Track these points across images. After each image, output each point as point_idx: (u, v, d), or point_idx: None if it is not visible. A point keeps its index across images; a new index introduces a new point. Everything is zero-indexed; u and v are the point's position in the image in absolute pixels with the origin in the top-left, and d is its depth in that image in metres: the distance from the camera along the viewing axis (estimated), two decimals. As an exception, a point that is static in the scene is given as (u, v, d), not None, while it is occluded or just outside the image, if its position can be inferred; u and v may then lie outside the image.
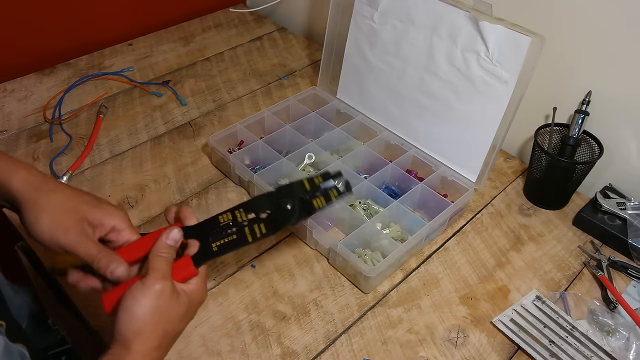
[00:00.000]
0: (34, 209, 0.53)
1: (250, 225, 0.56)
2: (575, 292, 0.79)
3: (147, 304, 0.48)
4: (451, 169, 0.91)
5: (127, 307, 0.48)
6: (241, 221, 0.56)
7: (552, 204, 0.92)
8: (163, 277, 0.50)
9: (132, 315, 0.48)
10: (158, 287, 0.49)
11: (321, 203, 0.56)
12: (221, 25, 1.37)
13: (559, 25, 0.87)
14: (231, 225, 0.56)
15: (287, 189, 0.57)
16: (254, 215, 0.56)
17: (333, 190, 0.57)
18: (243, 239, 0.55)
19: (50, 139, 0.99)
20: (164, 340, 0.50)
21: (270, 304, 0.75)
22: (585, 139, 0.89)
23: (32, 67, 1.14)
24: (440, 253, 0.84)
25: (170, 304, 0.50)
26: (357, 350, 0.70)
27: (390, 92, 0.97)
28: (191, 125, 1.05)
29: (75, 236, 0.53)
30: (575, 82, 0.89)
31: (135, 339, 0.48)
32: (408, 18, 0.89)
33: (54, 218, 0.53)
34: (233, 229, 0.55)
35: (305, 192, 0.56)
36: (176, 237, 0.54)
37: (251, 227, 0.55)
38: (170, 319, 0.50)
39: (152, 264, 0.51)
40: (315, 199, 0.56)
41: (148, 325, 0.48)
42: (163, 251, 0.52)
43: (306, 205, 0.56)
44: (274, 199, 0.57)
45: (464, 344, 0.72)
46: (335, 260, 0.79)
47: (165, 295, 0.49)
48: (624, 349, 0.71)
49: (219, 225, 0.56)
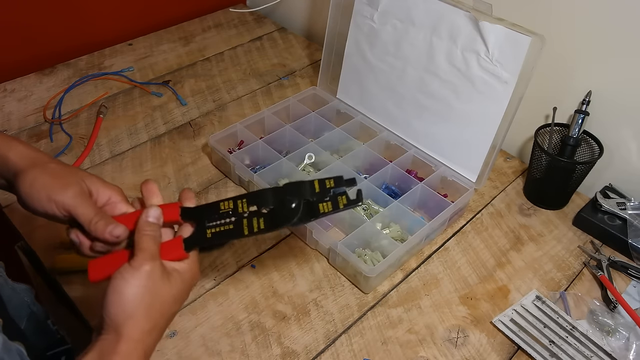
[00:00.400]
0: (31, 174, 0.51)
1: (250, 217, 0.53)
2: (575, 292, 0.79)
3: (137, 284, 0.47)
4: (451, 169, 0.91)
5: (117, 289, 0.47)
6: (241, 212, 0.54)
7: (552, 204, 0.92)
8: (151, 258, 0.49)
9: (123, 298, 0.47)
10: (147, 267, 0.48)
11: (327, 208, 0.53)
12: (221, 25, 1.37)
13: (559, 25, 0.87)
14: (230, 214, 0.54)
15: (295, 187, 0.54)
16: (255, 208, 0.54)
17: (343, 197, 0.53)
18: (239, 230, 0.53)
19: (50, 139, 0.99)
20: (158, 322, 0.49)
21: (270, 304, 0.75)
22: (585, 139, 0.89)
23: (32, 67, 1.14)
24: (440, 253, 0.84)
25: (161, 285, 0.48)
26: (357, 350, 0.70)
27: (390, 92, 0.97)
28: (191, 125, 1.05)
29: (73, 194, 0.51)
30: (575, 82, 0.89)
31: (127, 322, 0.46)
32: (408, 18, 0.89)
33: (52, 178, 0.52)
34: (232, 218, 0.53)
35: (314, 193, 0.53)
36: (156, 214, 0.52)
37: (250, 219, 0.53)
38: (163, 300, 0.49)
39: (139, 243, 0.50)
40: (322, 202, 0.53)
41: (140, 307, 0.47)
42: (147, 229, 0.51)
43: (312, 208, 0.53)
44: (279, 195, 0.54)
45: (464, 344, 0.72)
46: (335, 260, 0.79)
47: (155, 276, 0.48)
48: (624, 349, 0.71)
49: (218, 211, 0.54)
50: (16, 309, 0.76)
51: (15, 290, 0.77)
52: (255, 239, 0.83)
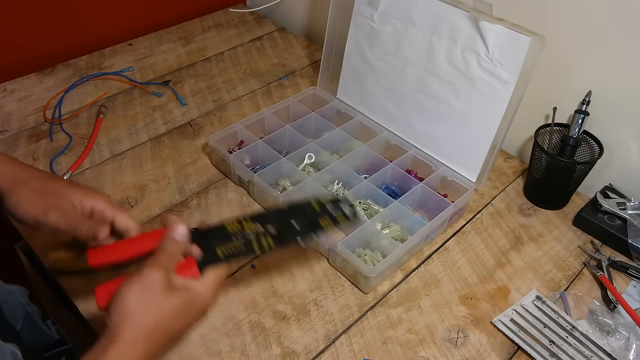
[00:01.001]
0: (14, 197, 0.56)
1: (258, 236, 0.57)
2: (575, 292, 0.79)
3: (137, 289, 0.48)
4: (451, 169, 0.91)
5: (120, 292, 0.48)
6: (248, 231, 0.57)
7: (552, 204, 0.92)
8: (157, 267, 0.49)
9: (122, 301, 0.47)
10: (149, 275, 0.48)
11: (328, 224, 0.60)
12: (221, 25, 1.37)
13: (559, 25, 0.87)
14: (238, 234, 0.57)
15: (296, 208, 0.60)
16: (261, 227, 0.58)
17: (340, 215, 0.60)
18: (250, 248, 0.57)
19: (50, 139, 0.99)
20: (155, 335, 0.48)
21: (270, 304, 0.75)
22: (585, 139, 0.89)
23: (32, 67, 1.14)
24: (440, 253, 0.84)
25: (160, 294, 0.48)
26: (357, 350, 0.70)
27: (390, 92, 0.97)
28: (191, 125, 1.05)
29: (56, 218, 0.57)
30: (575, 82, 0.89)
31: (123, 324, 0.47)
32: (408, 18, 0.89)
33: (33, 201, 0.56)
34: (240, 238, 0.57)
35: (314, 212, 0.59)
36: (182, 232, 0.54)
37: (258, 238, 0.57)
38: (162, 311, 0.48)
39: (154, 256, 0.51)
40: (322, 218, 0.59)
41: (136, 312, 0.47)
42: (168, 246, 0.52)
43: (313, 225, 0.59)
44: (283, 216, 0.59)
45: (464, 344, 0.72)
46: (335, 260, 0.79)
47: (157, 284, 0.48)
48: (624, 349, 0.71)
49: (225, 232, 0.57)
50: (11, 310, 0.76)
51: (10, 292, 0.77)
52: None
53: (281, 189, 0.90)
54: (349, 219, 0.60)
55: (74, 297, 0.73)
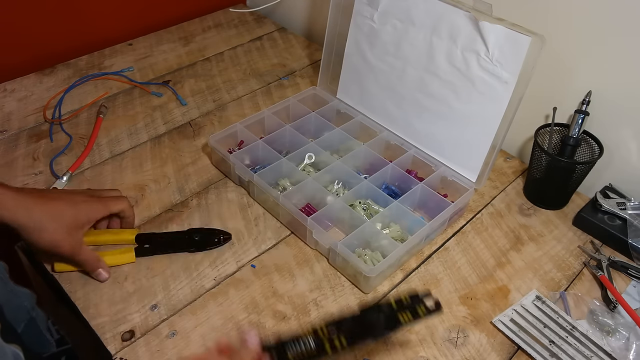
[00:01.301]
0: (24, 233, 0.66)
1: (331, 339, 0.56)
2: (575, 292, 0.79)
3: None
4: (451, 169, 0.91)
5: None
6: (322, 336, 0.57)
7: (552, 204, 0.92)
8: None
9: None
10: None
11: (408, 318, 0.58)
12: (221, 25, 1.37)
13: (559, 25, 0.87)
14: (310, 340, 0.56)
15: (374, 311, 0.59)
16: (335, 332, 0.57)
17: (421, 307, 0.58)
18: (322, 350, 0.56)
19: (50, 139, 0.99)
20: None
21: (270, 304, 0.75)
22: (585, 139, 0.89)
23: (32, 67, 1.14)
24: (440, 253, 0.84)
25: None
26: (357, 350, 0.70)
27: (390, 92, 0.97)
28: (191, 125, 1.05)
29: (67, 248, 0.69)
30: (575, 82, 0.89)
31: None
32: (408, 18, 0.89)
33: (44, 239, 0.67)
34: (313, 343, 0.56)
35: (392, 309, 0.58)
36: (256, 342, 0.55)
37: (332, 341, 0.56)
38: None
39: None
40: (402, 313, 0.58)
41: None
42: None
43: (392, 320, 0.58)
44: (359, 320, 0.58)
45: (464, 344, 0.72)
46: (335, 260, 0.79)
47: None
48: (624, 349, 0.71)
49: (299, 340, 0.56)
50: (13, 312, 0.76)
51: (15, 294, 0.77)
52: (255, 238, 0.83)
53: (281, 189, 0.90)
54: (431, 313, 0.58)
55: (75, 298, 0.74)
